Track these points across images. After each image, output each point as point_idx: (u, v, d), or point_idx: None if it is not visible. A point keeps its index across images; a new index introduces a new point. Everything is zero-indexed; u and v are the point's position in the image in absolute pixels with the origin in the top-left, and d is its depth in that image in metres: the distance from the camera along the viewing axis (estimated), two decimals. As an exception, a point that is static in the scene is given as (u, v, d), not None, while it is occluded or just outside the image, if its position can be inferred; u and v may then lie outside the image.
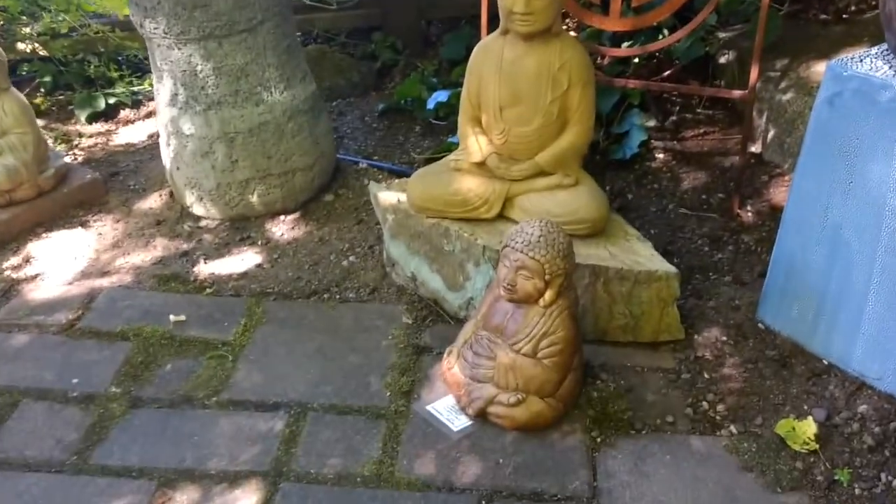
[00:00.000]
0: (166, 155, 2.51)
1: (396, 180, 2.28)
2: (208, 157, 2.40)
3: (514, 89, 1.98)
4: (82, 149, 3.01)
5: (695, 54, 2.73)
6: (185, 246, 2.42)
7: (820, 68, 2.55)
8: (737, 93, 2.25)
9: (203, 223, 2.52)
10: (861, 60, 1.68)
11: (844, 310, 1.77)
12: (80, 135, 3.12)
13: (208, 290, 2.20)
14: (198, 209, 2.52)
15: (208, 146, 2.38)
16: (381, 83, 3.45)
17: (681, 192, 2.53)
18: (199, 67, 2.28)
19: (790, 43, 2.70)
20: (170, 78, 2.34)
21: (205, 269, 2.31)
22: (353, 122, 3.13)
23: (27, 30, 3.31)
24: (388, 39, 3.53)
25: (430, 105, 2.91)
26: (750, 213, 2.38)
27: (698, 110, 2.96)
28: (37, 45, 3.31)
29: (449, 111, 2.91)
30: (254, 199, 2.47)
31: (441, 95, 2.89)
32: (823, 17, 2.92)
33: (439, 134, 2.99)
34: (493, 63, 1.99)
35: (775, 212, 2.37)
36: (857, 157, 1.66)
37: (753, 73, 2.19)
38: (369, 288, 2.21)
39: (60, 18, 3.24)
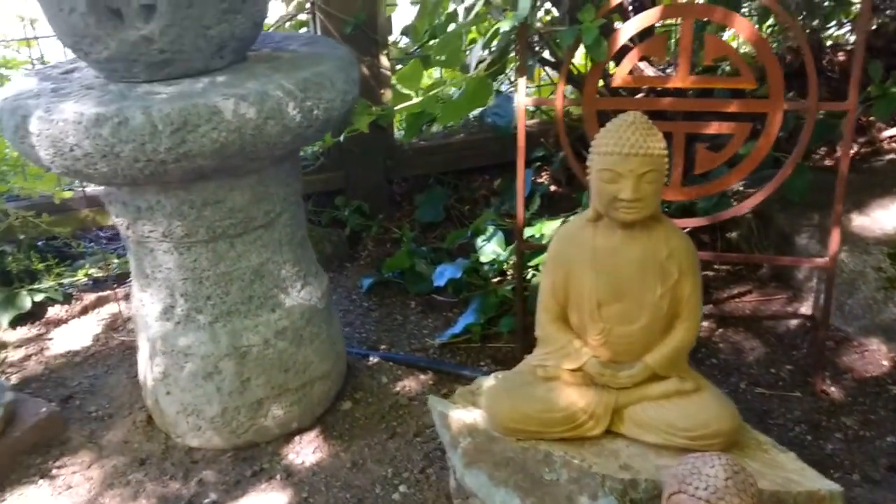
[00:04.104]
0: (146, 375, 2.02)
1: (458, 391, 1.90)
2: (212, 379, 1.93)
3: (615, 284, 1.69)
4: (13, 365, 2.43)
5: (723, 208, 2.56)
6: (184, 491, 1.91)
7: (861, 222, 2.44)
8: (819, 261, 2.06)
9: (198, 456, 2.02)
10: None
11: None
12: (4, 345, 2.54)
13: (242, 561, 1.71)
14: (193, 440, 2.02)
15: (213, 366, 1.92)
16: (355, 252, 3.09)
17: (745, 367, 2.28)
18: (205, 273, 1.85)
19: (812, 195, 2.59)
20: (164, 287, 1.89)
21: (221, 524, 1.81)
22: (341, 303, 2.73)
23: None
24: (352, 203, 3.19)
25: (440, 281, 2.57)
26: (834, 389, 2.16)
27: (715, 266, 2.78)
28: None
29: (460, 288, 2.58)
30: (267, 421, 2.01)
31: (450, 271, 2.56)
32: (826, 164, 2.87)
33: (441, 311, 2.64)
34: (585, 254, 1.70)
35: (863, 385, 2.16)
36: None
37: (834, 240, 2.01)
38: (442, 530, 1.79)
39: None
